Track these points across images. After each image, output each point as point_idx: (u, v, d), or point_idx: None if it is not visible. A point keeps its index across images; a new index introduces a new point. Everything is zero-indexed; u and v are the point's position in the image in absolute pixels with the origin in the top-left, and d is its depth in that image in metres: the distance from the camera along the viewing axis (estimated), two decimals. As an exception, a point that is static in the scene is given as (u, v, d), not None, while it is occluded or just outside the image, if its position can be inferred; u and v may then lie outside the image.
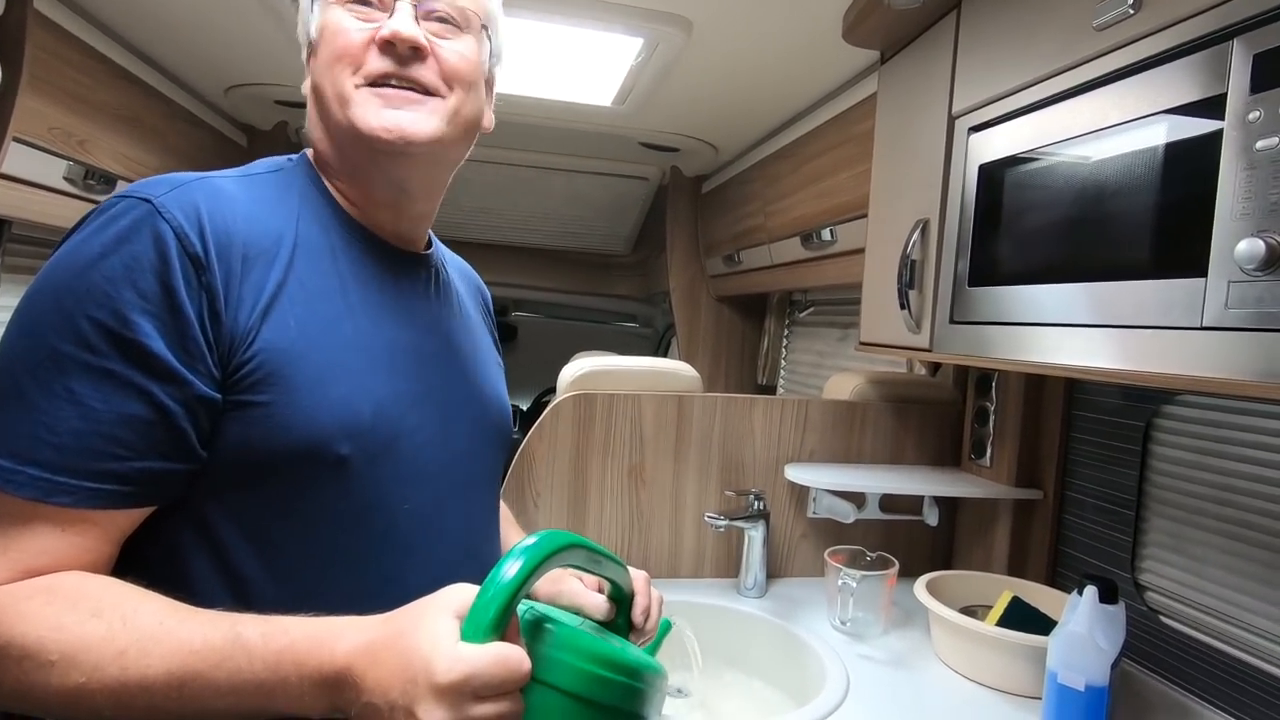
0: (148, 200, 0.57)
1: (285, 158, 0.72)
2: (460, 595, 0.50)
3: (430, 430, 0.70)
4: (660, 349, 3.52)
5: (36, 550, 0.53)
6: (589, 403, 1.34)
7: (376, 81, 0.66)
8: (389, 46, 0.65)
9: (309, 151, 0.73)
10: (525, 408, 3.73)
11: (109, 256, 0.54)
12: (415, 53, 0.66)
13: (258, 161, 0.71)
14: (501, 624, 0.48)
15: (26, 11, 1.17)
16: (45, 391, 0.53)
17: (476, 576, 0.55)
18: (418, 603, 0.51)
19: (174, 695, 0.50)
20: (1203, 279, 0.63)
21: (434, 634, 0.47)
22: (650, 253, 3.08)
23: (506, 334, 3.97)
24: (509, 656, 0.47)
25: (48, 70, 1.27)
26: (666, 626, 0.66)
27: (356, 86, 0.66)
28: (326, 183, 0.71)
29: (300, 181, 0.70)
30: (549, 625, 0.53)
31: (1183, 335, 0.66)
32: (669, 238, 2.63)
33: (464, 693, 0.46)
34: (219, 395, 0.58)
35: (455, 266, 0.89)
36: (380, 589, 0.63)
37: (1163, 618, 1.06)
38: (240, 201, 0.62)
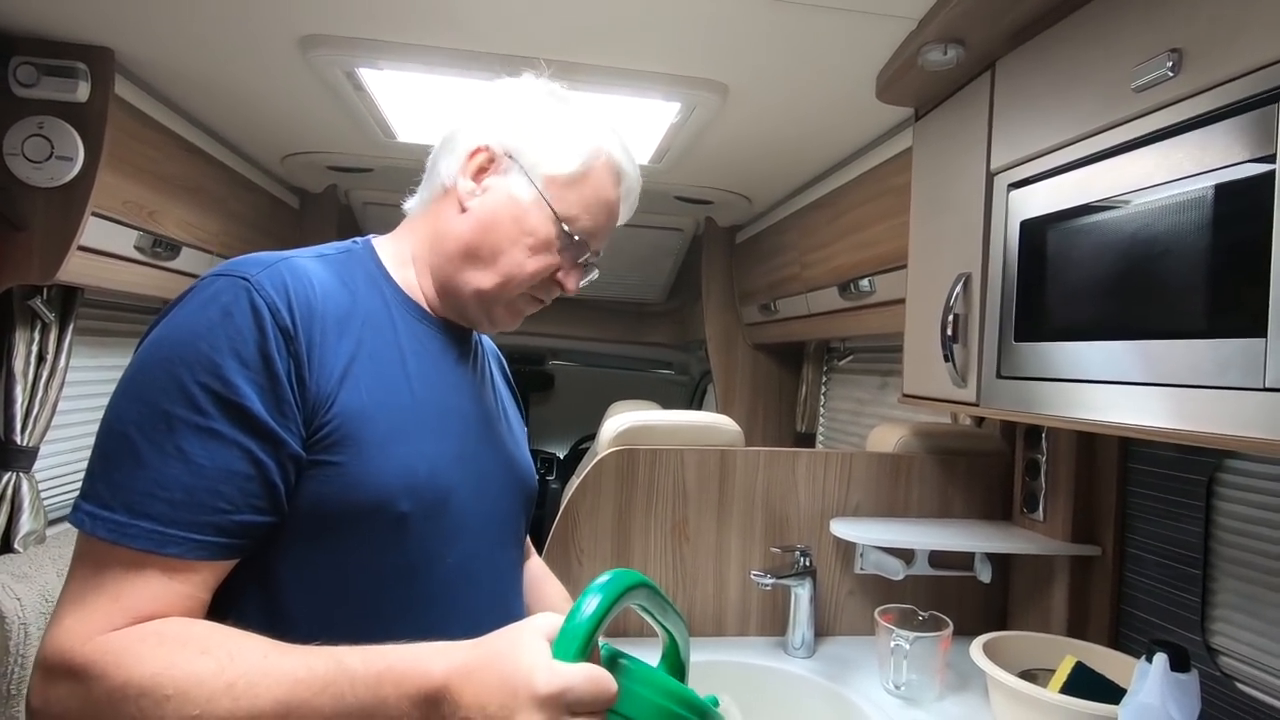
0: (245, 279, 0.63)
1: (352, 241, 0.79)
2: (549, 621, 0.54)
3: (471, 489, 0.75)
4: (696, 395, 3.52)
5: (147, 598, 0.57)
6: (631, 458, 1.34)
7: (529, 296, 0.78)
8: (559, 288, 0.79)
9: (374, 239, 0.80)
10: (563, 455, 3.73)
11: (215, 329, 0.61)
12: None
13: (330, 244, 0.78)
14: (588, 649, 0.51)
15: (108, 98, 1.26)
16: (157, 450, 0.58)
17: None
18: (509, 628, 0.55)
19: None
20: (1263, 339, 0.62)
21: (532, 652, 0.51)
22: (686, 301, 3.11)
23: (544, 382, 4.00)
24: (599, 676, 0.50)
25: (124, 149, 1.36)
26: (714, 703, 0.65)
27: (519, 294, 0.77)
28: (386, 267, 0.78)
29: (366, 263, 0.77)
30: (624, 661, 0.55)
31: (1243, 396, 0.64)
32: (704, 286, 2.66)
33: (560, 704, 0.49)
34: (304, 453, 0.63)
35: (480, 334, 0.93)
36: (418, 637, 0.65)
37: (1239, 684, 1.01)
38: (318, 278, 0.69)
